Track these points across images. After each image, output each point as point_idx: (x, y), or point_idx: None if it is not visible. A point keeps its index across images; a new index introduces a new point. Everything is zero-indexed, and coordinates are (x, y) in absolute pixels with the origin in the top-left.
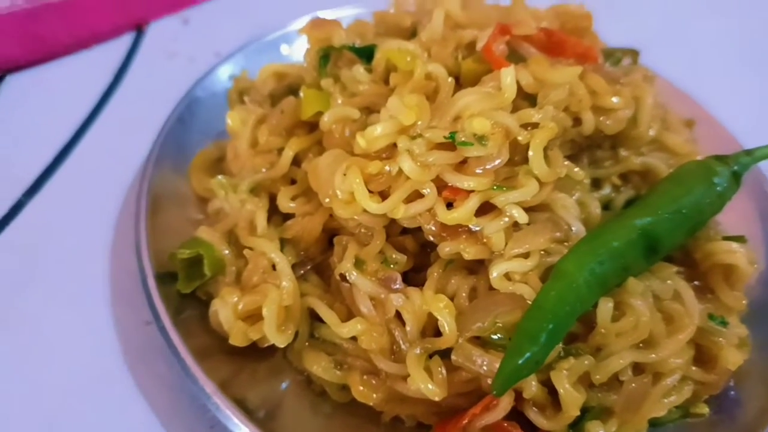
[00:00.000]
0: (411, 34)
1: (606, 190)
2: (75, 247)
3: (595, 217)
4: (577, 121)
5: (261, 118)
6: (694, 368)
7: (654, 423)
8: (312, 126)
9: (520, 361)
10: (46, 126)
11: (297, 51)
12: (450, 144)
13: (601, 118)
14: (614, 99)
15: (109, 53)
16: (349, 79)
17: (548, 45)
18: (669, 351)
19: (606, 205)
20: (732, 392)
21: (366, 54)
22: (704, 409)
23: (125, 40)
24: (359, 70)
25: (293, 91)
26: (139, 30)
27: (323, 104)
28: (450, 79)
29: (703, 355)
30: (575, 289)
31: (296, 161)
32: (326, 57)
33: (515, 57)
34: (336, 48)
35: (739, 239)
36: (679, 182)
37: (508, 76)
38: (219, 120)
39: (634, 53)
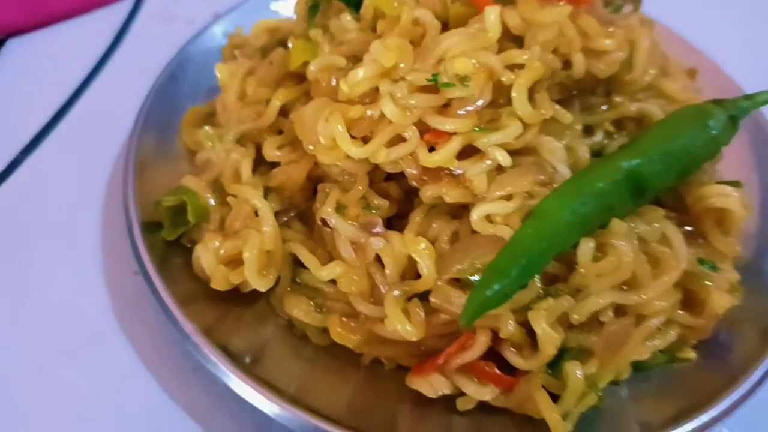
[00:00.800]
0: None
1: (598, 137)
2: (69, 202)
3: (584, 161)
4: (567, 63)
5: (250, 71)
6: (681, 312)
7: (639, 367)
8: (301, 77)
9: (488, 293)
10: (45, 88)
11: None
12: (433, 87)
13: (593, 61)
14: (606, 41)
15: (108, 17)
16: (337, 28)
17: None
18: (653, 293)
19: (598, 153)
20: (721, 338)
21: (354, 3)
22: (691, 354)
23: (126, 4)
24: (346, 18)
25: (284, 44)
26: None
27: (311, 54)
28: (437, 23)
29: (691, 299)
30: (554, 228)
31: (285, 112)
32: (315, 7)
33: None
34: None
35: (734, 184)
36: (671, 125)
37: (492, 14)
38: (213, 77)
39: (636, 1)
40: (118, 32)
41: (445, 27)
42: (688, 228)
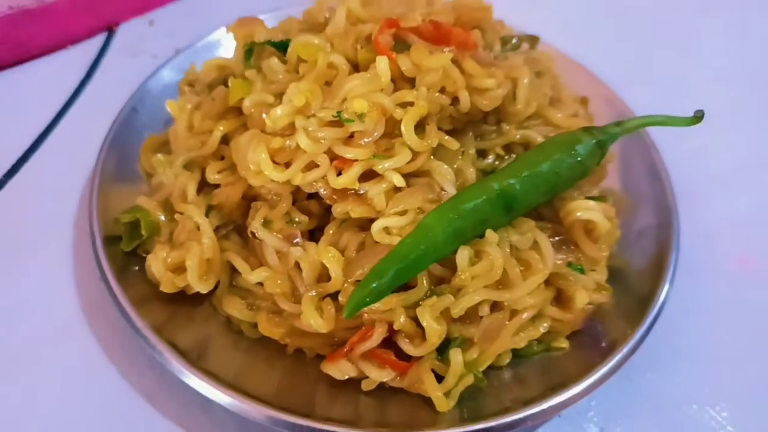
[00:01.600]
0: (324, 28)
1: (490, 159)
2: (46, 218)
3: (471, 181)
4: (456, 99)
5: (197, 105)
6: (552, 307)
7: (519, 354)
8: (239, 111)
9: (366, 292)
10: (25, 118)
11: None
12: (339, 122)
13: (477, 97)
14: (488, 81)
15: (81, 53)
16: (268, 69)
17: (435, 35)
18: (522, 292)
19: (491, 172)
20: (592, 330)
21: (283, 47)
22: (564, 344)
23: (97, 41)
24: (275, 61)
25: (228, 80)
26: (110, 31)
27: (246, 91)
28: (347, 66)
29: (563, 297)
30: (430, 238)
31: (226, 141)
32: (250, 51)
33: (403, 46)
34: (258, 43)
35: (600, 199)
36: (541, 150)
37: (382, 62)
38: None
39: (533, 39)
40: (89, 66)
41: (357, 68)
42: (562, 237)
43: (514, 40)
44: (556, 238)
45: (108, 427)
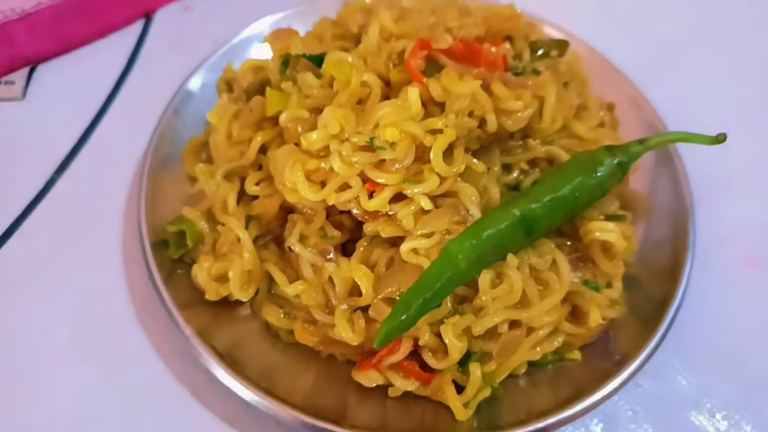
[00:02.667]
0: (357, 38)
1: (515, 174)
2: (97, 217)
3: (495, 201)
4: (484, 120)
5: (235, 114)
6: (566, 323)
7: (534, 364)
8: (277, 120)
9: (395, 324)
10: (71, 110)
11: None
12: (372, 146)
13: (504, 119)
14: (515, 103)
15: (121, 42)
16: (303, 84)
17: (466, 53)
18: (539, 311)
19: (516, 186)
20: (604, 342)
21: (317, 60)
22: (577, 356)
23: (135, 28)
24: (310, 76)
25: (266, 83)
26: (148, 18)
27: (283, 104)
28: (380, 86)
29: (578, 312)
30: (454, 265)
31: (264, 150)
32: (286, 62)
33: (434, 67)
34: (293, 56)
35: (619, 218)
36: (563, 173)
37: (413, 93)
38: (208, 108)
39: (562, 45)
40: (130, 56)
41: (388, 84)
42: (581, 254)
43: (540, 51)
44: (575, 255)
45: (155, 419)
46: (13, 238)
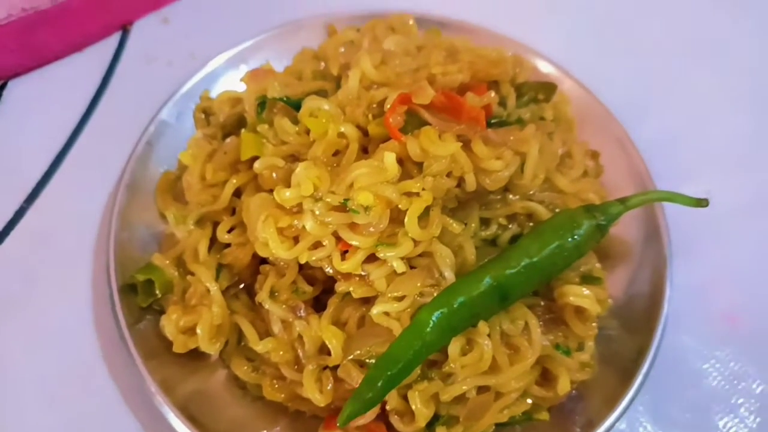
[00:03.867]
0: (336, 81)
1: (493, 229)
2: (66, 252)
3: (471, 261)
4: (462, 179)
5: (210, 154)
6: (536, 387)
7: (502, 425)
8: (252, 161)
9: (359, 405)
10: (45, 129)
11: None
12: (345, 206)
13: (483, 177)
14: (496, 163)
15: (98, 56)
16: (280, 130)
17: (447, 106)
18: (509, 377)
19: (493, 240)
20: (573, 402)
21: (296, 105)
22: (545, 416)
23: (112, 41)
24: (287, 122)
25: (242, 119)
26: (125, 30)
27: (258, 149)
28: (358, 138)
29: (548, 374)
30: (423, 336)
31: (239, 192)
32: (263, 104)
33: (415, 121)
34: (270, 99)
35: (595, 281)
36: (538, 236)
37: (390, 158)
38: (183, 138)
39: (549, 89)
40: (106, 71)
41: (366, 135)
42: (554, 315)
43: (526, 96)
44: (548, 316)
45: None
46: None
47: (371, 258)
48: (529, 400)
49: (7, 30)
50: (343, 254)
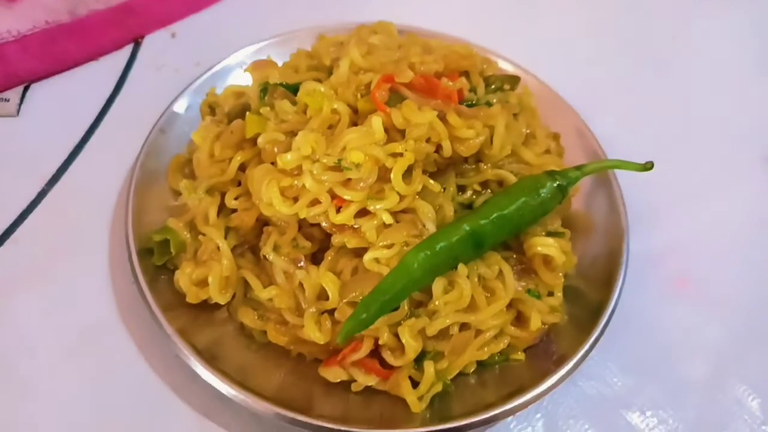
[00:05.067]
0: (329, 71)
1: (468, 194)
2: (85, 227)
3: (449, 218)
4: (440, 146)
5: (217, 135)
6: (511, 327)
7: (483, 364)
8: (255, 141)
9: (355, 322)
10: (62, 127)
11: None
12: (339, 167)
13: (457, 145)
14: (468, 131)
15: (111, 64)
16: (280, 110)
17: (425, 87)
18: (486, 315)
19: (469, 205)
20: (546, 345)
21: (293, 89)
22: (521, 356)
23: (125, 53)
24: (286, 104)
25: (246, 107)
26: (137, 43)
27: (261, 127)
28: (349, 114)
29: (522, 317)
30: (409, 273)
31: (243, 168)
32: (265, 90)
33: (397, 97)
34: (271, 84)
35: (559, 234)
36: (508, 194)
37: (377, 122)
38: (192, 128)
39: (513, 80)
40: (119, 78)
41: (356, 112)
42: (525, 266)
43: (493, 86)
44: (519, 267)
45: (138, 413)
46: (4, 246)
47: (362, 213)
48: (506, 340)
49: (32, 40)
50: (338, 210)
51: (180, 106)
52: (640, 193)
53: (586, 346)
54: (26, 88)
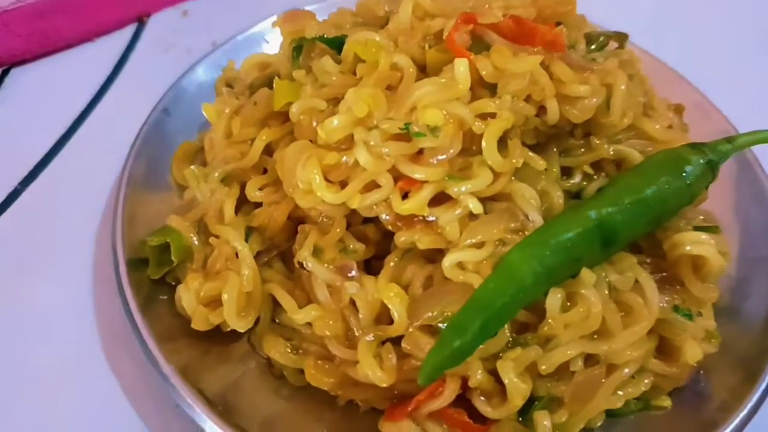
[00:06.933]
0: (384, 22)
1: (576, 179)
2: (64, 234)
3: (558, 207)
4: (542, 109)
5: (236, 109)
6: (655, 360)
7: (613, 414)
8: (285, 116)
9: (446, 353)
10: (46, 117)
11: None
12: (407, 135)
13: (567, 107)
14: (581, 87)
15: (110, 46)
16: (319, 71)
17: (517, 33)
18: (623, 343)
19: (577, 194)
20: (698, 385)
21: (337, 45)
22: (666, 402)
23: (127, 33)
24: (328, 61)
25: (272, 80)
26: (141, 22)
27: (294, 95)
28: (413, 68)
29: (666, 347)
30: (517, 282)
31: (270, 151)
32: (299, 48)
33: (481, 45)
34: (308, 40)
35: (713, 229)
36: (644, 172)
37: (461, 66)
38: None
39: (621, 37)
40: (118, 61)
41: (423, 71)
42: (664, 274)
43: (600, 39)
44: (658, 276)
45: None
46: None
47: (438, 201)
48: (648, 380)
49: (16, 15)
50: (404, 196)
51: (190, 83)
52: None
53: (760, 390)
54: (5, 72)
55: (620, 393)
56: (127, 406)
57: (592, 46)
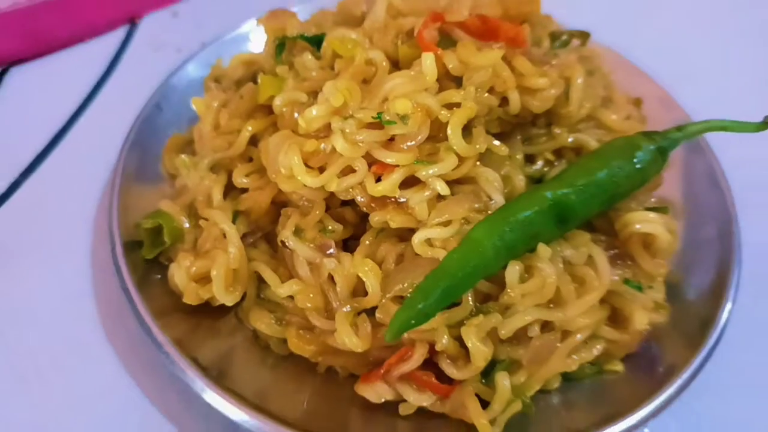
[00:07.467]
0: (362, 21)
1: (539, 165)
2: (63, 221)
3: (520, 189)
4: (505, 100)
5: (224, 103)
6: (606, 327)
7: (569, 378)
8: (269, 109)
9: (411, 314)
10: (44, 113)
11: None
12: (379, 124)
13: (528, 98)
14: (540, 80)
15: (103, 46)
16: (300, 66)
17: (482, 30)
18: (576, 311)
19: (539, 179)
20: (648, 352)
21: (316, 42)
22: (618, 366)
23: (119, 34)
24: (308, 57)
25: (257, 76)
26: (133, 23)
27: (277, 89)
28: (386, 63)
29: (618, 316)
30: (479, 254)
31: (255, 142)
32: (282, 45)
33: (448, 42)
34: (290, 37)
35: (661, 210)
36: (598, 157)
37: (428, 59)
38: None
39: (584, 35)
40: (111, 60)
41: (396, 65)
42: (618, 251)
43: (563, 37)
44: (611, 252)
45: None
46: None
47: (409, 184)
48: (600, 345)
49: (12, 17)
50: (378, 179)
51: (180, 80)
52: (740, 171)
53: (701, 356)
54: (4, 71)
55: (574, 357)
56: (127, 378)
57: (556, 44)
